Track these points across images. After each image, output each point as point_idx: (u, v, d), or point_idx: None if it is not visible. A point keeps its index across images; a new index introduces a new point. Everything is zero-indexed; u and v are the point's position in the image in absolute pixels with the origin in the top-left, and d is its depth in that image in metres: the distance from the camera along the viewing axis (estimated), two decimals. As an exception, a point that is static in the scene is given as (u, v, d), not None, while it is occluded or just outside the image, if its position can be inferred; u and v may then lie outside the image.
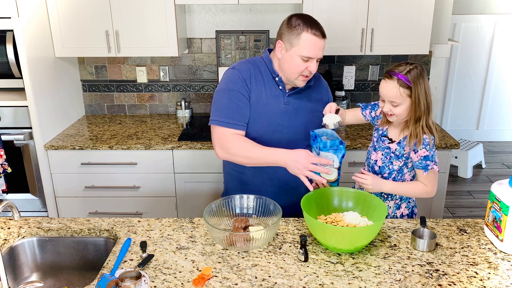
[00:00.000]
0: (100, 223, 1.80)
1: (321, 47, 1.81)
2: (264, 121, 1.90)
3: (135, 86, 3.28)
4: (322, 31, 1.82)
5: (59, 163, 2.77)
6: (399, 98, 1.75)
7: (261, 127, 1.90)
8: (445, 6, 3.03)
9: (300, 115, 1.94)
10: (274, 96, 1.90)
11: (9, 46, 2.53)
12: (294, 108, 1.93)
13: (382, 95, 1.81)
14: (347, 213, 1.72)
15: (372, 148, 1.98)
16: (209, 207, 1.72)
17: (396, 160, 1.87)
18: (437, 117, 3.44)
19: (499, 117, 5.25)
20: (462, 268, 1.51)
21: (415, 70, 1.74)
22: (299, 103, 1.94)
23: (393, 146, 1.87)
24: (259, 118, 1.89)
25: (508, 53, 5.00)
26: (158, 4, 2.73)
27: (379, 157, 1.92)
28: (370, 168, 1.97)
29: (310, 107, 1.97)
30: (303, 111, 1.95)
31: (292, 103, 1.93)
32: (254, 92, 1.88)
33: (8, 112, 2.65)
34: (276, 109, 1.90)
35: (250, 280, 1.45)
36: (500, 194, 1.58)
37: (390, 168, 1.90)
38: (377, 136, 1.96)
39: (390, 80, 1.76)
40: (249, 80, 1.88)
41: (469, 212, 3.84)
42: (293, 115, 1.93)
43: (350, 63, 3.20)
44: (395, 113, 1.79)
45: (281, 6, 3.08)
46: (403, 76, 1.73)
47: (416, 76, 1.73)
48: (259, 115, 1.89)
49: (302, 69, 1.82)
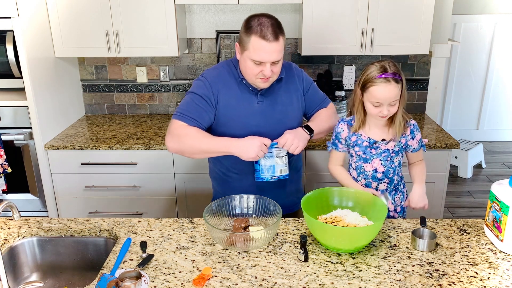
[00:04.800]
0: (100, 223, 1.80)
1: (271, 50, 1.72)
2: (238, 124, 1.87)
3: (135, 86, 3.28)
4: (274, 34, 1.71)
5: (59, 163, 2.77)
6: (398, 95, 1.76)
7: (236, 131, 1.86)
8: (445, 6, 3.03)
9: (276, 112, 1.90)
10: (246, 98, 1.87)
11: (9, 46, 2.53)
12: (268, 106, 1.89)
13: (382, 100, 1.74)
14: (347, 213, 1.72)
15: (361, 162, 1.90)
16: (209, 207, 1.72)
17: (396, 156, 1.90)
18: (437, 117, 3.44)
19: (499, 117, 5.25)
20: (462, 268, 1.51)
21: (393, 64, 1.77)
22: (274, 99, 1.90)
23: (390, 145, 1.87)
24: (232, 122, 1.87)
25: (508, 53, 5.00)
26: (158, 4, 2.73)
27: (377, 165, 1.88)
28: (371, 178, 1.91)
29: (286, 101, 1.93)
30: (278, 107, 1.91)
31: (265, 102, 1.89)
32: (223, 97, 1.86)
33: (8, 112, 2.65)
34: (249, 110, 1.87)
35: (250, 280, 1.45)
36: (500, 194, 1.58)
37: (393, 166, 1.90)
38: (362, 149, 1.87)
39: (389, 83, 1.73)
40: (216, 86, 1.86)
41: (469, 212, 3.84)
42: (269, 113, 1.89)
43: (350, 63, 3.20)
44: (391, 112, 1.79)
45: (281, 6, 3.08)
46: (397, 75, 1.74)
47: (399, 68, 1.78)
48: (232, 118, 1.87)
49: (256, 72, 1.76)
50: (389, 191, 1.95)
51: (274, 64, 1.76)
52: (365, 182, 1.93)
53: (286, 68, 1.95)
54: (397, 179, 1.95)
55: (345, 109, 3.12)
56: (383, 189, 1.94)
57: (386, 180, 1.92)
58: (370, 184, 1.93)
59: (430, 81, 3.25)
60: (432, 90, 3.27)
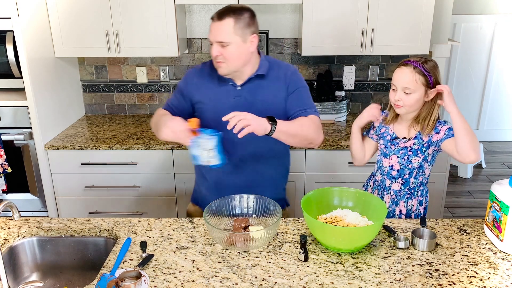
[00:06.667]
0: (100, 223, 1.80)
1: (214, 29, 1.78)
2: (212, 116, 1.87)
3: (135, 86, 3.28)
4: (221, 14, 1.78)
5: (59, 163, 2.78)
6: (414, 84, 1.75)
7: (210, 122, 1.84)
8: (445, 6, 3.03)
9: (254, 107, 1.82)
10: (224, 91, 1.89)
11: (9, 46, 2.53)
12: (247, 101, 1.88)
13: (396, 82, 1.79)
14: (347, 213, 1.72)
15: (381, 156, 1.94)
16: (209, 207, 1.72)
17: (415, 156, 1.85)
18: (437, 117, 3.44)
19: (499, 117, 5.25)
20: (462, 268, 1.51)
21: (431, 62, 1.78)
22: (253, 95, 1.88)
23: (410, 142, 1.85)
24: (207, 113, 1.91)
25: (508, 53, 5.00)
26: (158, 4, 2.73)
27: (394, 162, 1.89)
28: (386, 175, 1.92)
29: (267, 99, 1.88)
30: (257, 104, 1.87)
31: (244, 96, 1.88)
32: (200, 89, 1.92)
33: (8, 112, 2.65)
34: (225, 104, 1.86)
35: (250, 280, 1.45)
36: (500, 194, 1.58)
37: (410, 167, 1.87)
38: (384, 142, 1.92)
39: (406, 67, 1.77)
40: (192, 79, 1.95)
41: (469, 212, 3.84)
42: (247, 109, 1.76)
43: (350, 63, 3.20)
44: (406, 103, 1.77)
45: (281, 6, 3.08)
46: (420, 65, 1.75)
47: (433, 66, 1.78)
48: (207, 110, 1.91)
49: (211, 53, 1.82)
50: (403, 193, 1.91)
51: (222, 46, 1.78)
52: (381, 178, 1.95)
53: (275, 67, 1.91)
54: (414, 183, 1.90)
55: (345, 109, 3.12)
56: (396, 189, 1.91)
57: (400, 180, 1.90)
58: (385, 181, 1.93)
59: (430, 81, 3.24)
60: (432, 90, 3.26)
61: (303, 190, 2.83)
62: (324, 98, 3.08)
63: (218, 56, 1.80)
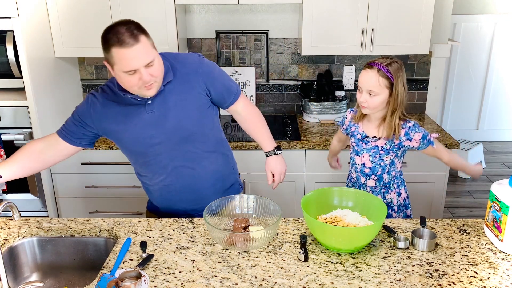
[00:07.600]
0: (100, 223, 1.80)
1: (136, 55, 1.55)
2: (130, 139, 1.77)
3: (135, 86, 3.27)
4: (132, 36, 1.54)
5: (59, 163, 2.77)
6: (378, 87, 1.81)
7: (132, 146, 1.80)
8: (445, 6, 3.03)
9: (168, 119, 1.74)
10: (134, 110, 1.73)
11: (9, 46, 2.53)
12: (161, 112, 1.73)
13: (361, 85, 1.86)
14: (347, 213, 1.72)
15: (354, 154, 2.02)
16: (209, 207, 1.72)
17: (387, 155, 1.93)
18: (437, 117, 3.44)
19: (499, 117, 5.25)
20: (462, 268, 1.51)
21: (395, 63, 1.83)
22: (165, 106, 1.73)
23: (381, 142, 1.92)
24: (125, 138, 1.78)
25: (508, 53, 5.00)
26: (158, 4, 2.73)
27: (366, 159, 1.96)
28: (359, 172, 2.00)
29: (179, 103, 1.75)
30: (171, 113, 1.74)
31: (157, 108, 1.73)
32: (108, 119, 1.76)
33: (8, 112, 2.65)
34: (138, 123, 1.74)
35: (250, 280, 1.45)
36: (500, 194, 1.58)
37: (382, 164, 1.95)
38: (355, 140, 1.99)
39: (371, 70, 1.83)
40: (95, 108, 1.78)
41: (469, 212, 3.84)
42: (161, 122, 1.73)
43: (350, 63, 3.20)
44: (371, 105, 1.84)
45: (281, 6, 3.08)
46: (384, 68, 1.81)
47: (397, 69, 1.83)
48: (122, 134, 1.77)
49: (136, 82, 1.60)
50: (379, 189, 1.99)
51: (149, 66, 1.59)
52: (356, 175, 2.02)
53: (178, 66, 1.76)
54: (388, 178, 1.98)
55: (345, 109, 3.12)
56: (371, 185, 1.99)
57: (373, 177, 1.97)
58: (360, 178, 2.01)
59: (430, 81, 3.25)
60: (432, 90, 3.27)
61: (303, 190, 2.83)
62: (324, 98, 3.08)
63: (152, 78, 1.62)
